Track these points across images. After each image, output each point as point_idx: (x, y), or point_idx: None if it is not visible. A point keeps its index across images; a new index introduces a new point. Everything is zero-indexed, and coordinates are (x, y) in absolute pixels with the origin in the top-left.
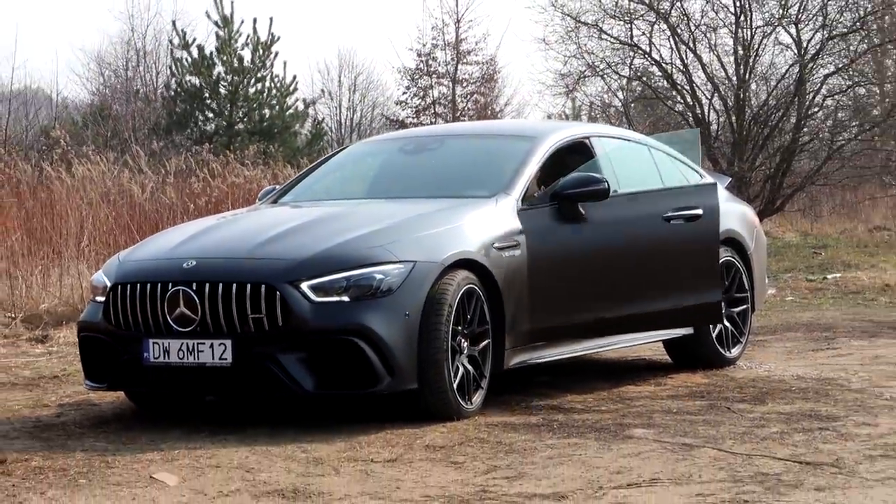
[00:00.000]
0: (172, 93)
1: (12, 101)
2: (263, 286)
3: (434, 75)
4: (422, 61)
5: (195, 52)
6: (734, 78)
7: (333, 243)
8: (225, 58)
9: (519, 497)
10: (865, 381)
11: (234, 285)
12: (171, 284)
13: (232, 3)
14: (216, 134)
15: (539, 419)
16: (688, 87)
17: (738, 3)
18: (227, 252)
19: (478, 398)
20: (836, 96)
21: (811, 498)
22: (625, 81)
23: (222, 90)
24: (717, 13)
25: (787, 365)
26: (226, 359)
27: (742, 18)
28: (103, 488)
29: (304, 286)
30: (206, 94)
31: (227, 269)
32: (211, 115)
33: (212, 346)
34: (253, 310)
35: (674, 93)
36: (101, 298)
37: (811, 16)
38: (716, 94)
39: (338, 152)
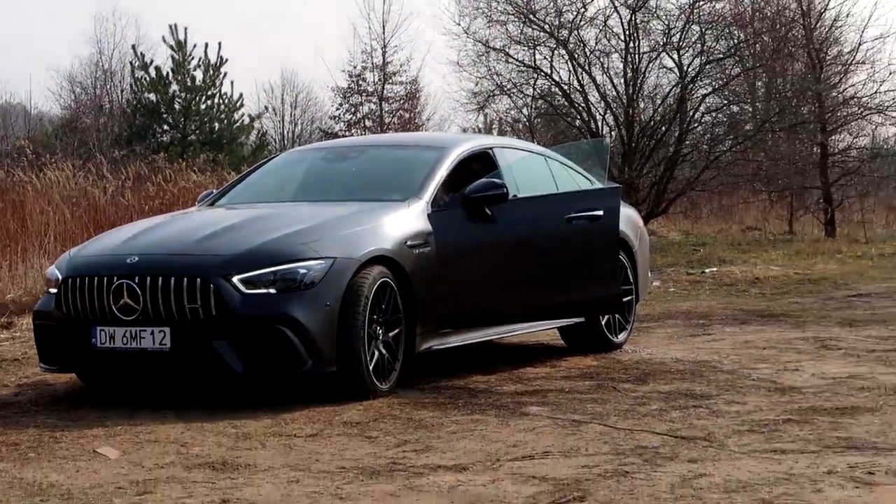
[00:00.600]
0: (133, 108)
1: None
2: (199, 279)
3: (364, 94)
4: (353, 81)
5: (153, 73)
6: (624, 97)
7: (262, 241)
8: (179, 77)
9: (425, 468)
10: (736, 363)
11: (173, 279)
12: (116, 278)
13: (185, 29)
14: (171, 144)
15: (446, 398)
16: (584, 105)
17: (627, 32)
18: (166, 249)
19: (392, 379)
20: (712, 113)
21: (684, 469)
22: (529, 100)
23: (177, 106)
24: (608, 40)
25: (667, 349)
26: (165, 344)
27: (631, 45)
28: (50, 461)
29: (236, 279)
30: (163, 109)
31: (166, 264)
32: (167, 127)
33: (152, 332)
34: (189, 300)
35: (572, 110)
36: (53, 290)
37: (691, 43)
38: (608, 111)
39: (269, 160)
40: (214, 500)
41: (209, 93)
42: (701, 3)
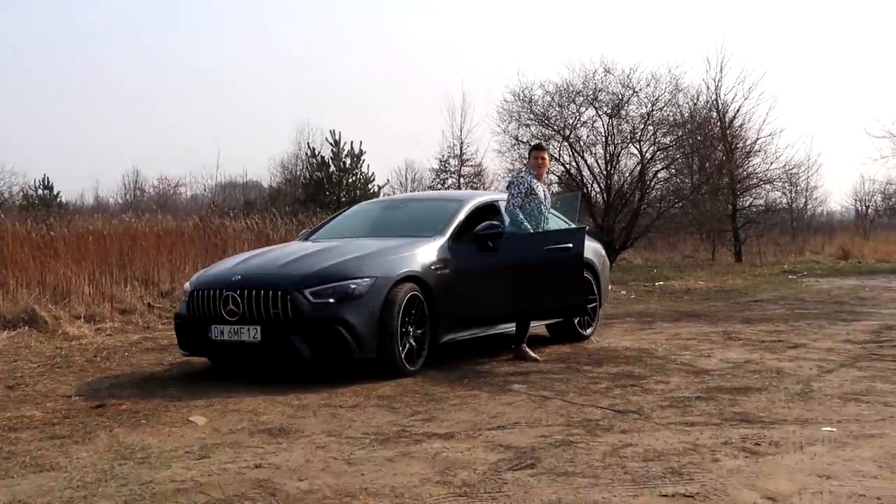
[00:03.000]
0: (307, 182)
1: (216, 185)
2: (280, 292)
3: (448, 172)
4: (442, 164)
5: (319, 160)
6: (605, 172)
7: (326, 265)
8: (336, 163)
9: (424, 435)
10: (667, 350)
11: (262, 291)
12: (224, 290)
13: (339, 132)
14: (329, 203)
15: (457, 376)
16: (580, 177)
17: (606, 130)
18: (260, 270)
19: (419, 363)
20: (662, 183)
21: (616, 439)
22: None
23: (334, 180)
24: (595, 136)
25: (621, 339)
26: (257, 338)
27: (608, 139)
28: (153, 427)
29: (306, 292)
30: (325, 183)
31: (259, 280)
32: (328, 193)
33: (248, 329)
34: (274, 307)
35: (572, 181)
36: (186, 298)
37: (647, 137)
38: (595, 182)
39: (347, 209)
40: (250, 465)
41: (353, 171)
42: (654, 112)
